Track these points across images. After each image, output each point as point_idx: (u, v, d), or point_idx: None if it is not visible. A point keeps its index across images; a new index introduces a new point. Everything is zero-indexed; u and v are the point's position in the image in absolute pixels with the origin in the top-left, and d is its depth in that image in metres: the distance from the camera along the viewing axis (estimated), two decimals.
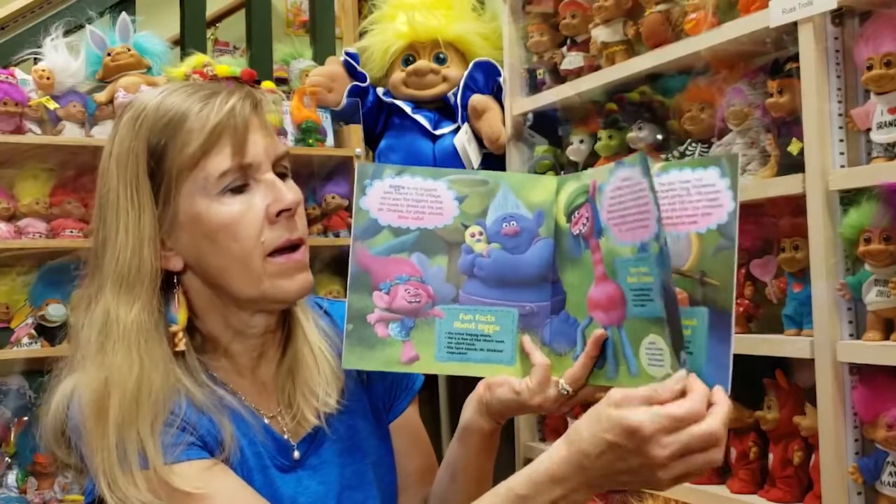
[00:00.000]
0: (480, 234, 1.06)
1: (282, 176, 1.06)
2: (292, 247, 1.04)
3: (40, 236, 2.12)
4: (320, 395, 1.09)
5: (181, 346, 1.03)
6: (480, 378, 1.10)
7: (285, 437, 1.09)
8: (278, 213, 1.02)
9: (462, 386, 1.19)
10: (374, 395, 1.17)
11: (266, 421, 1.09)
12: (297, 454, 1.09)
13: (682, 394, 0.87)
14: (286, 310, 1.12)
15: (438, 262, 1.05)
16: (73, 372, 1.04)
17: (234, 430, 1.04)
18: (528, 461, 2.06)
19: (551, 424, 2.16)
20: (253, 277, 1.02)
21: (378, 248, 1.05)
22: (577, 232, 1.02)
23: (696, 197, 0.94)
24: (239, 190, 1.02)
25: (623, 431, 0.85)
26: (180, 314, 1.04)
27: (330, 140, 2.42)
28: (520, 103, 2.24)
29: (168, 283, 1.05)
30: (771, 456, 1.61)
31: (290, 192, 1.03)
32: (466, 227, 1.06)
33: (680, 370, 0.88)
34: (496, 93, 2.32)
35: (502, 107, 2.29)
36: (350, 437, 1.13)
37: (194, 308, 1.07)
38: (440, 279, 1.05)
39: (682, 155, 1.79)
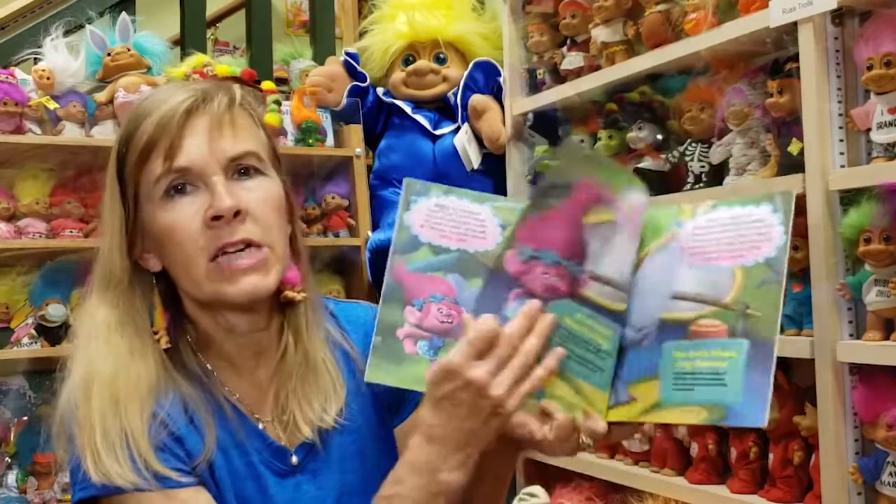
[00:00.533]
0: None
1: (245, 174, 1.02)
2: (243, 249, 1.00)
3: (40, 236, 2.12)
4: (316, 410, 1.07)
5: (163, 345, 1.03)
6: None
7: (281, 442, 1.08)
8: (215, 218, 0.99)
9: None
10: (379, 400, 1.16)
11: (262, 426, 1.08)
12: (294, 459, 1.08)
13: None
14: (288, 312, 1.11)
15: (475, 284, 1.02)
16: (69, 371, 1.05)
17: (224, 437, 1.04)
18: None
19: None
20: (199, 282, 1.01)
21: (416, 265, 1.02)
22: None
23: (745, 231, 0.93)
24: (182, 193, 1.00)
25: (443, 379, 0.93)
26: (156, 316, 1.05)
27: (330, 140, 2.42)
28: (520, 103, 2.24)
29: (160, 282, 1.06)
30: (771, 456, 1.61)
31: (228, 198, 0.99)
32: None
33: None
34: (496, 93, 2.32)
35: (502, 107, 2.29)
36: (353, 443, 1.12)
37: (185, 306, 1.07)
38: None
39: (682, 155, 1.78)
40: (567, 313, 0.96)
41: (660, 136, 1.88)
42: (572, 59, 2.06)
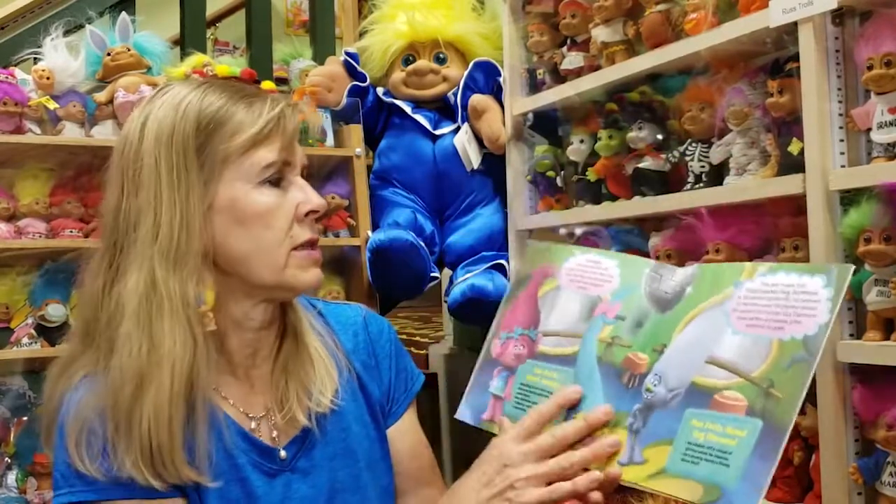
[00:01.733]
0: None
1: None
2: (311, 244, 1.10)
3: (40, 236, 2.12)
4: (314, 394, 1.11)
5: (212, 326, 1.05)
6: None
7: (271, 438, 1.10)
8: (307, 213, 1.09)
9: (464, 385, 1.18)
10: (370, 399, 1.18)
11: (252, 426, 1.09)
12: (283, 454, 1.10)
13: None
14: (283, 309, 1.14)
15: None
16: (91, 347, 1.05)
17: (211, 440, 1.04)
18: None
19: None
20: (276, 266, 1.07)
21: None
22: None
23: (793, 302, 0.91)
24: (275, 184, 1.08)
25: (488, 448, 1.02)
26: (209, 295, 1.06)
27: (330, 140, 2.42)
28: (520, 103, 2.24)
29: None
30: None
31: (318, 197, 1.11)
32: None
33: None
34: (496, 93, 2.32)
35: (502, 107, 2.29)
36: (343, 441, 1.14)
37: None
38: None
39: (682, 155, 1.78)
40: (528, 371, 1.06)
41: (660, 136, 1.88)
42: (572, 59, 2.06)
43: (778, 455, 0.85)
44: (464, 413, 1.13)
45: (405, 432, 1.22)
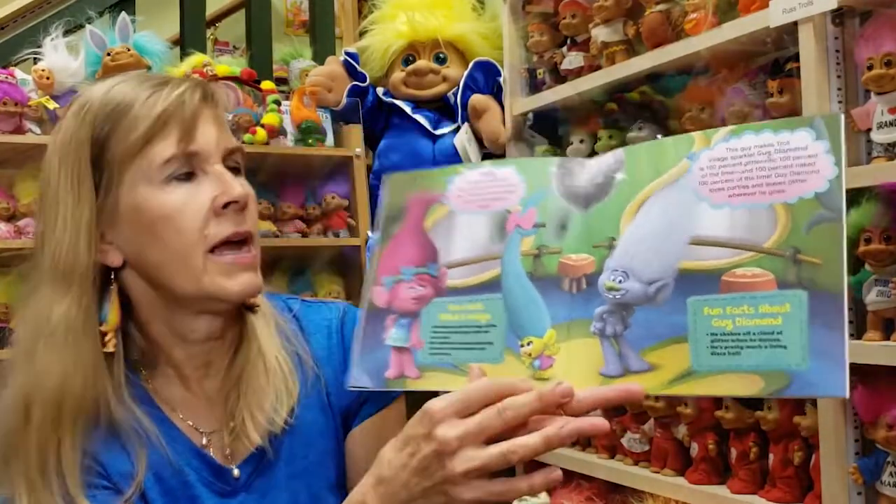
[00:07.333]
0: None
1: (234, 171, 1.00)
2: (239, 243, 0.97)
3: None
4: (268, 412, 1.00)
5: (110, 348, 0.97)
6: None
7: (224, 455, 1.02)
8: (225, 206, 0.96)
9: None
10: (333, 406, 1.08)
11: (203, 441, 1.02)
12: (237, 473, 1.01)
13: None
14: (240, 314, 1.04)
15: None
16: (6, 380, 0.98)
17: (157, 460, 0.98)
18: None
19: None
20: (194, 273, 0.95)
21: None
22: None
23: (781, 161, 0.80)
24: (185, 179, 0.96)
25: (418, 420, 0.82)
26: (111, 313, 0.98)
27: (330, 140, 2.42)
28: (520, 103, 2.24)
29: (109, 280, 1.00)
30: (771, 456, 1.61)
31: (238, 186, 0.97)
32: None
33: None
34: (496, 93, 2.33)
35: (502, 107, 2.29)
36: (304, 458, 1.04)
37: (136, 309, 1.01)
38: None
39: None
40: (439, 311, 0.92)
41: (660, 136, 1.88)
42: (572, 59, 2.06)
43: (844, 322, 0.74)
44: (359, 379, 0.94)
45: (369, 436, 1.08)
